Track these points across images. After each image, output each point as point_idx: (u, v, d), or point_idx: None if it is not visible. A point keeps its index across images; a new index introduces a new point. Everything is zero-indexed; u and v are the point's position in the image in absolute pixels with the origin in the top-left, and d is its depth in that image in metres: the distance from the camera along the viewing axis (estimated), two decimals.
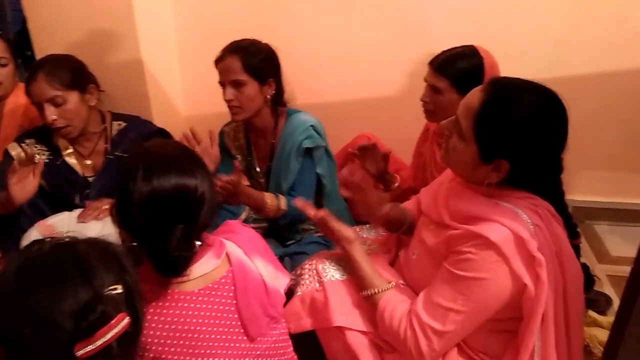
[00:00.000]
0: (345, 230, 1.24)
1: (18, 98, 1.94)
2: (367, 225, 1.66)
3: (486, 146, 1.02)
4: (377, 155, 1.77)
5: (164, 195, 0.92)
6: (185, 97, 2.32)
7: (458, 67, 1.54)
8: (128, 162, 0.99)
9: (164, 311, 0.96)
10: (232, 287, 1.04)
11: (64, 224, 1.47)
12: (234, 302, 1.04)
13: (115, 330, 0.66)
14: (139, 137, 1.76)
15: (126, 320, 0.68)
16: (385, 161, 1.79)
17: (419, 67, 2.08)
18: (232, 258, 1.07)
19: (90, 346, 0.64)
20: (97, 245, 0.74)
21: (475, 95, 1.04)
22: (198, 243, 0.99)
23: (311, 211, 1.29)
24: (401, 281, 1.23)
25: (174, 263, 0.95)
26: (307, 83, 2.05)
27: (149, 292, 0.96)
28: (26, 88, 1.59)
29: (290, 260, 1.60)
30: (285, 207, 1.64)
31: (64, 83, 1.58)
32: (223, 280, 1.04)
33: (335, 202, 1.79)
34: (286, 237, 1.79)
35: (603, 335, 1.47)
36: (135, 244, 0.98)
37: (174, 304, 0.97)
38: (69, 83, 1.59)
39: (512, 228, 0.98)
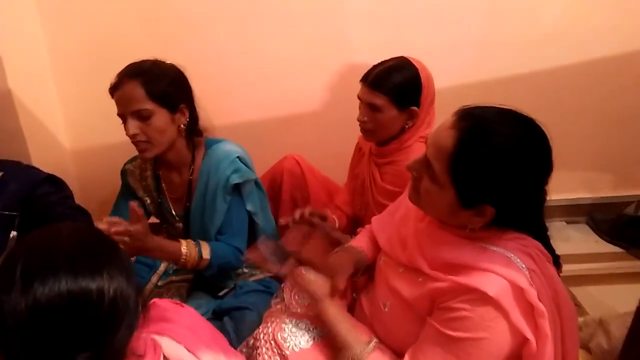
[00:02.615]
0: (318, 285, 1.06)
1: None
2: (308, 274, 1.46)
3: (466, 191, 0.88)
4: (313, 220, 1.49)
5: (51, 311, 0.63)
6: (68, 129, 1.93)
7: (394, 80, 1.40)
8: (4, 264, 0.68)
9: None
10: None
11: None
12: None
13: None
14: (21, 187, 1.40)
15: None
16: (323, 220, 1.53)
17: (339, 78, 1.96)
18: None
19: None
20: None
21: (446, 134, 0.89)
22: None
23: (274, 267, 1.07)
24: (374, 339, 1.06)
25: None
26: (218, 103, 1.81)
27: None
28: None
29: (231, 320, 1.35)
30: (208, 255, 1.39)
31: None
32: None
33: None
34: (217, 285, 1.54)
35: None
36: None
37: None
38: None
39: (508, 277, 0.86)
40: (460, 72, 1.95)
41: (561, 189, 2.20)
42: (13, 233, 1.40)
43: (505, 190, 0.87)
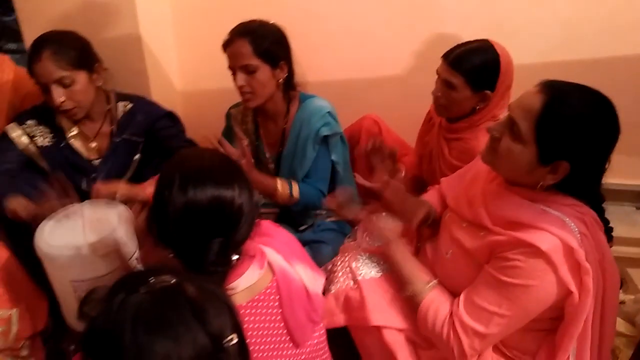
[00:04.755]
0: (388, 227, 1.23)
1: (4, 74, 1.77)
2: (383, 214, 1.65)
3: (548, 147, 1.01)
4: (383, 152, 1.72)
5: (200, 207, 0.88)
6: (181, 72, 2.20)
7: (473, 62, 1.48)
8: (166, 170, 0.94)
9: None
10: (277, 297, 1.03)
11: (76, 217, 1.38)
12: (280, 311, 1.03)
13: None
14: (147, 119, 1.66)
15: None
16: (392, 159, 1.72)
17: (426, 47, 2.06)
18: (275, 267, 1.04)
19: None
20: (205, 287, 0.69)
21: (534, 98, 1.02)
22: (235, 257, 0.95)
23: (350, 213, 1.26)
24: (435, 279, 1.23)
25: (213, 279, 0.91)
26: (310, 60, 1.97)
27: None
28: (29, 68, 1.46)
29: (310, 250, 1.57)
30: (297, 195, 1.60)
31: (72, 63, 1.46)
32: (268, 291, 1.02)
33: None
34: (298, 222, 1.77)
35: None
36: (171, 255, 0.94)
37: None
38: (76, 62, 1.47)
39: (561, 237, 0.99)
40: (547, 50, 1.97)
41: (634, 174, 2.21)
42: (137, 156, 1.69)
43: (580, 148, 1.00)
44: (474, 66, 1.48)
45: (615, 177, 2.37)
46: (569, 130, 0.99)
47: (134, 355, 0.61)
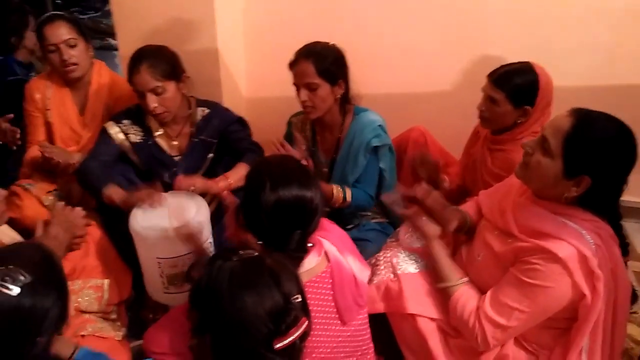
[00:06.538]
0: (431, 227, 1.41)
1: (101, 78, 2.07)
2: (424, 218, 1.83)
3: (572, 162, 1.17)
4: (429, 164, 1.88)
5: (287, 204, 1.11)
6: (248, 80, 2.46)
7: (515, 82, 1.66)
8: (254, 174, 1.18)
9: None
10: (331, 281, 1.23)
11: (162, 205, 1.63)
12: (332, 292, 1.23)
13: (301, 330, 0.87)
14: (221, 123, 1.91)
15: (306, 323, 0.87)
16: (436, 170, 1.88)
17: (473, 66, 2.21)
18: (330, 256, 1.25)
19: (285, 341, 0.84)
20: (279, 260, 0.93)
21: (564, 120, 1.19)
22: (310, 245, 1.18)
23: (400, 209, 1.46)
24: (466, 278, 1.41)
25: (292, 262, 1.12)
26: (365, 75, 2.15)
27: None
28: (129, 77, 1.73)
29: (356, 246, 1.77)
30: (350, 199, 1.81)
31: (164, 74, 1.72)
32: (323, 275, 1.23)
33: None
34: (346, 221, 1.97)
35: (631, 330, 1.66)
36: (260, 242, 1.17)
37: None
38: (168, 74, 1.73)
39: (577, 247, 1.15)
40: (587, 75, 2.08)
41: None
42: (210, 155, 1.94)
43: (600, 164, 1.16)
44: (515, 84, 1.66)
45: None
46: (592, 148, 1.16)
47: (230, 305, 0.85)
